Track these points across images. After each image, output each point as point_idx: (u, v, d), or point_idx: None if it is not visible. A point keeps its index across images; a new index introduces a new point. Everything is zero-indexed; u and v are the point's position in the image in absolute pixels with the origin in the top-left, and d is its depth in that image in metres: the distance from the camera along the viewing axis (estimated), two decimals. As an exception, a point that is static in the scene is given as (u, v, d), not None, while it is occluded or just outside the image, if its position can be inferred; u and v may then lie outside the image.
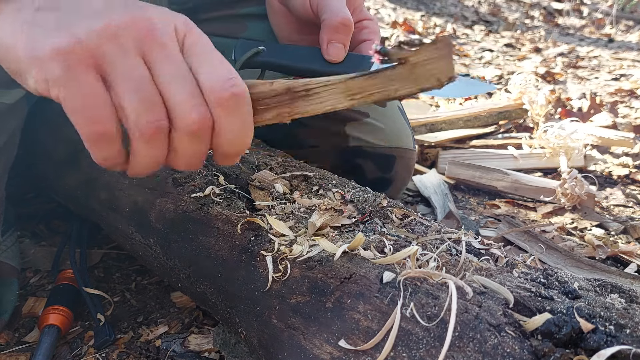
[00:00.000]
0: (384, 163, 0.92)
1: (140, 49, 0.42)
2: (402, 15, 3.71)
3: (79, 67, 0.39)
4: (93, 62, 0.40)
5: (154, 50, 0.42)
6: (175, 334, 0.74)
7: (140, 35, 0.42)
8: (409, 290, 0.43)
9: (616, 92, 2.18)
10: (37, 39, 0.40)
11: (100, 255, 0.93)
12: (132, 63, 0.41)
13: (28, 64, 0.40)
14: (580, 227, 1.11)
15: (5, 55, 0.42)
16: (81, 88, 0.40)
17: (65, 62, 0.39)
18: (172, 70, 0.42)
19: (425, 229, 0.58)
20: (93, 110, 0.40)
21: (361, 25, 0.71)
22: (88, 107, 0.40)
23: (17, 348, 0.72)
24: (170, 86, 0.42)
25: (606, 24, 4.40)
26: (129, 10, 0.42)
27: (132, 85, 0.41)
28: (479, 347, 0.38)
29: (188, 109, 0.42)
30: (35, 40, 0.40)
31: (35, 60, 0.40)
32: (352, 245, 0.50)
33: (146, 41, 0.42)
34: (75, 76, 0.39)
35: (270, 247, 0.54)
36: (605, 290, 0.46)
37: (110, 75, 0.41)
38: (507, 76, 2.43)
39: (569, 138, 1.36)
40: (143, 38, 0.42)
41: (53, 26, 0.41)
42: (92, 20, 0.41)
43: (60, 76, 0.39)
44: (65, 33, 0.40)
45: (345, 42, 0.66)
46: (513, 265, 0.50)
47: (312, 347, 0.45)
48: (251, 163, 0.72)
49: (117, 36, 0.41)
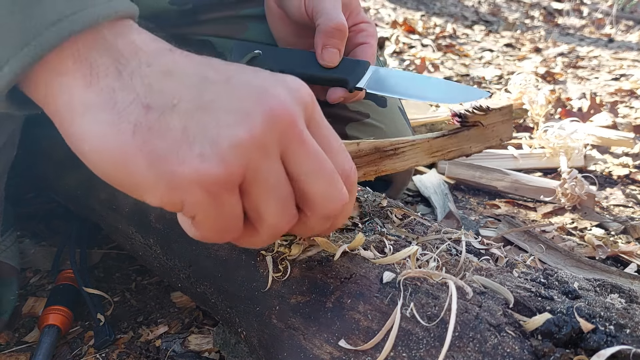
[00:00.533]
0: None
1: (281, 146, 0.35)
2: (402, 15, 3.71)
3: (224, 192, 0.34)
4: (238, 181, 0.34)
5: (295, 146, 0.36)
6: (175, 334, 0.74)
7: (282, 131, 0.34)
8: (409, 290, 0.43)
9: (616, 92, 2.18)
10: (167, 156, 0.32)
11: (100, 255, 0.93)
12: (274, 168, 0.35)
13: (155, 182, 0.33)
14: (580, 227, 1.11)
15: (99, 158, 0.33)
16: (221, 210, 0.34)
17: (211, 190, 0.33)
18: (314, 167, 0.37)
19: (425, 229, 0.58)
20: (226, 225, 0.36)
21: (358, 28, 0.71)
22: (222, 224, 0.36)
23: (17, 348, 0.72)
24: (313, 183, 0.37)
25: (606, 24, 4.40)
26: (263, 99, 0.34)
27: (270, 189, 0.35)
28: (479, 347, 0.38)
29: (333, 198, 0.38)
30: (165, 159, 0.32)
31: (169, 183, 0.32)
32: (352, 245, 0.50)
33: (288, 137, 0.35)
34: (219, 201, 0.34)
35: (270, 247, 0.54)
36: (605, 290, 0.46)
37: (249, 183, 0.35)
38: (507, 76, 2.43)
39: (569, 138, 1.36)
40: (284, 135, 0.35)
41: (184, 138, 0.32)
42: (232, 130, 0.33)
43: (202, 202, 0.33)
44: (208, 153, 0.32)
45: (340, 47, 0.66)
46: (513, 265, 0.50)
47: (312, 347, 0.45)
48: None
49: (263, 145, 0.34)
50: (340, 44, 0.66)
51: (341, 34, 0.66)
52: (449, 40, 3.22)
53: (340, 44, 0.66)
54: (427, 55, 2.72)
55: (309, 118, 0.37)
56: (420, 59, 2.56)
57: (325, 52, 0.66)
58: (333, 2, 0.67)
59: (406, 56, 2.70)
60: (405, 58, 2.64)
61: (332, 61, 0.67)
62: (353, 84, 0.67)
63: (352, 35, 0.71)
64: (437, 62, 2.61)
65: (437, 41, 3.12)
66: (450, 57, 2.79)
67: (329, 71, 0.67)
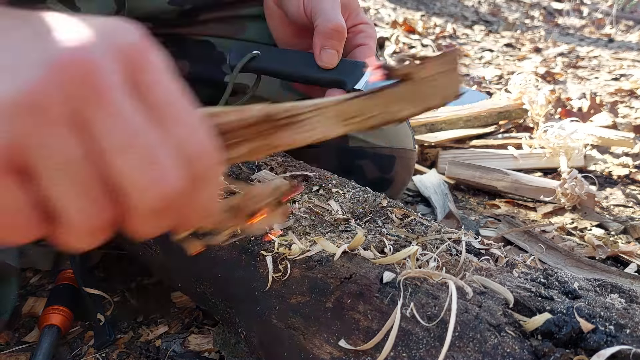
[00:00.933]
0: (384, 163, 0.92)
1: (75, 111, 0.26)
2: (402, 15, 3.71)
3: None
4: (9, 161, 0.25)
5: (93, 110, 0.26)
6: (175, 334, 0.74)
7: (72, 90, 0.25)
8: (409, 290, 0.43)
9: (616, 92, 2.18)
10: None
11: (100, 255, 0.93)
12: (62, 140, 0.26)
13: None
14: (580, 227, 1.11)
15: None
16: None
17: None
18: (121, 138, 0.27)
19: (425, 229, 0.58)
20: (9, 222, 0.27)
21: (357, 29, 0.71)
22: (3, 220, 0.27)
23: (17, 348, 0.72)
24: (119, 161, 0.27)
25: (606, 24, 4.40)
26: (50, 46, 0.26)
27: (61, 170, 0.26)
28: (479, 347, 0.38)
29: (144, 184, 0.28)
30: None
31: None
32: (352, 245, 0.50)
33: (82, 98, 0.26)
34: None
35: (270, 247, 0.54)
36: (605, 290, 0.46)
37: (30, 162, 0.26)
38: (507, 76, 2.43)
39: (569, 138, 1.36)
40: (77, 94, 0.25)
41: None
42: None
43: None
44: None
45: (338, 48, 0.66)
46: (513, 265, 0.50)
47: (312, 347, 0.45)
48: (251, 163, 0.72)
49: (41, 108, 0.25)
50: (339, 45, 0.66)
51: (339, 35, 0.65)
52: (449, 40, 3.22)
53: (338, 45, 0.66)
54: (427, 55, 2.71)
55: (133, 75, 0.28)
56: (420, 59, 2.56)
57: (323, 53, 0.66)
58: (332, 2, 0.67)
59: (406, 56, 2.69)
60: (405, 58, 2.64)
61: (331, 62, 0.66)
62: (351, 85, 0.66)
63: (350, 37, 0.71)
64: (437, 62, 2.61)
65: (437, 41, 3.12)
66: (450, 57, 2.79)
67: (327, 72, 0.67)
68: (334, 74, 0.67)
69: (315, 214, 0.60)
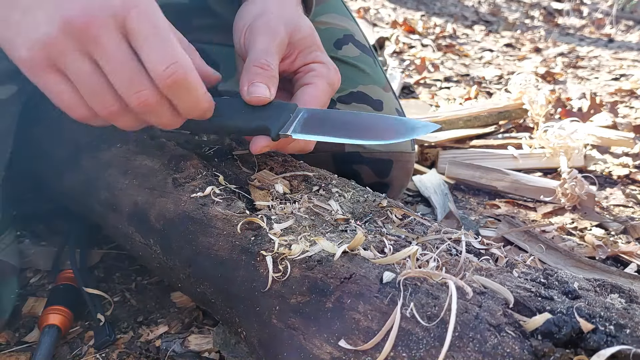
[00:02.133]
0: (380, 168, 0.91)
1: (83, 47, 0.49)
2: (402, 15, 3.71)
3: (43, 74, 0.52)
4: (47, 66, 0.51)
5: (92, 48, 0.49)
6: (175, 334, 0.74)
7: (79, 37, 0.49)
8: (409, 290, 0.43)
9: (616, 92, 2.18)
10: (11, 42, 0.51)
11: (100, 255, 0.93)
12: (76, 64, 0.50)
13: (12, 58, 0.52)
14: (580, 227, 1.11)
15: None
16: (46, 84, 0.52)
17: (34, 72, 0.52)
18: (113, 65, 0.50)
19: (425, 229, 0.58)
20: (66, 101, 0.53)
21: (307, 68, 0.67)
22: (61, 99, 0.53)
23: (17, 348, 0.72)
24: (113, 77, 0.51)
25: (606, 24, 4.40)
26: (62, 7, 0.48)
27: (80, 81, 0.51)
28: (479, 347, 0.38)
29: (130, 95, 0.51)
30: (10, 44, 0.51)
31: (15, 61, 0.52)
32: (352, 245, 0.50)
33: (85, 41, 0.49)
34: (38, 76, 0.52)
35: (270, 247, 0.54)
36: (605, 290, 0.46)
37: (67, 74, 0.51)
38: (507, 76, 2.43)
39: (569, 138, 1.36)
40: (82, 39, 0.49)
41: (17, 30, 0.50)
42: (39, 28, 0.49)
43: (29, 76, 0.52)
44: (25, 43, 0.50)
45: (267, 82, 0.61)
46: (513, 265, 0.50)
47: (312, 347, 0.45)
48: (251, 163, 0.72)
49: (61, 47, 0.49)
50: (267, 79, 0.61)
51: (265, 72, 0.61)
52: (449, 40, 3.22)
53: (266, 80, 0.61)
54: (427, 55, 2.72)
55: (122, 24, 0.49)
56: (420, 59, 2.56)
57: (250, 87, 0.61)
58: (267, 41, 0.63)
59: (406, 56, 2.70)
60: (405, 58, 2.64)
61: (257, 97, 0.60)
62: (275, 131, 0.60)
63: (299, 76, 0.67)
64: (437, 62, 2.61)
65: (437, 41, 3.12)
66: (450, 57, 2.79)
67: (248, 120, 0.61)
68: (254, 121, 0.61)
69: (315, 214, 0.60)
